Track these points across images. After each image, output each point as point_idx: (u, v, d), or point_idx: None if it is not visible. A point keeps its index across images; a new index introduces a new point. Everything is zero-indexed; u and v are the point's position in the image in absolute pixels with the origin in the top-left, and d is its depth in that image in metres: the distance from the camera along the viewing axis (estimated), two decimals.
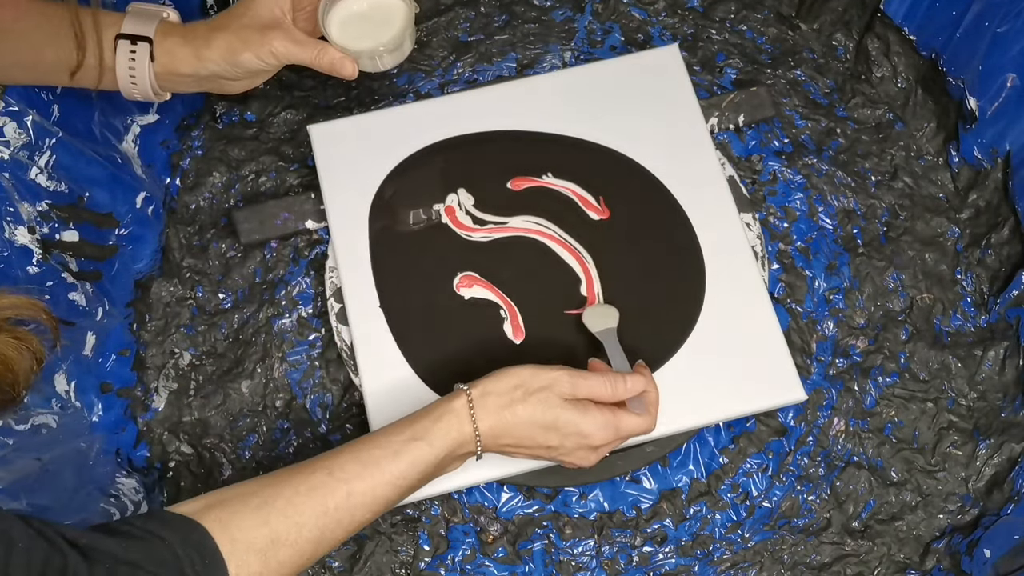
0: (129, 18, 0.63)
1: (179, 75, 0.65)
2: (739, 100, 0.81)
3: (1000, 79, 0.74)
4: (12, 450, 0.59)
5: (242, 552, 0.51)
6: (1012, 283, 0.75)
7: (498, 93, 0.78)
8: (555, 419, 0.58)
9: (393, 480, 0.55)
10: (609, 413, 0.59)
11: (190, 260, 0.79)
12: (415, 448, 0.56)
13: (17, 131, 0.63)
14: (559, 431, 0.58)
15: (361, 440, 0.57)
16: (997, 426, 0.73)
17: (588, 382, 0.59)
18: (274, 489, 0.53)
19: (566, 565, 0.70)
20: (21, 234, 0.64)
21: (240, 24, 0.64)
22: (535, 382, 0.58)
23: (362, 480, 0.54)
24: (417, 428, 0.57)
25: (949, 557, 0.70)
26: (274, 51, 0.64)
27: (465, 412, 0.57)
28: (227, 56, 0.64)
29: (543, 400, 0.58)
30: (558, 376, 0.58)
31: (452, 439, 0.57)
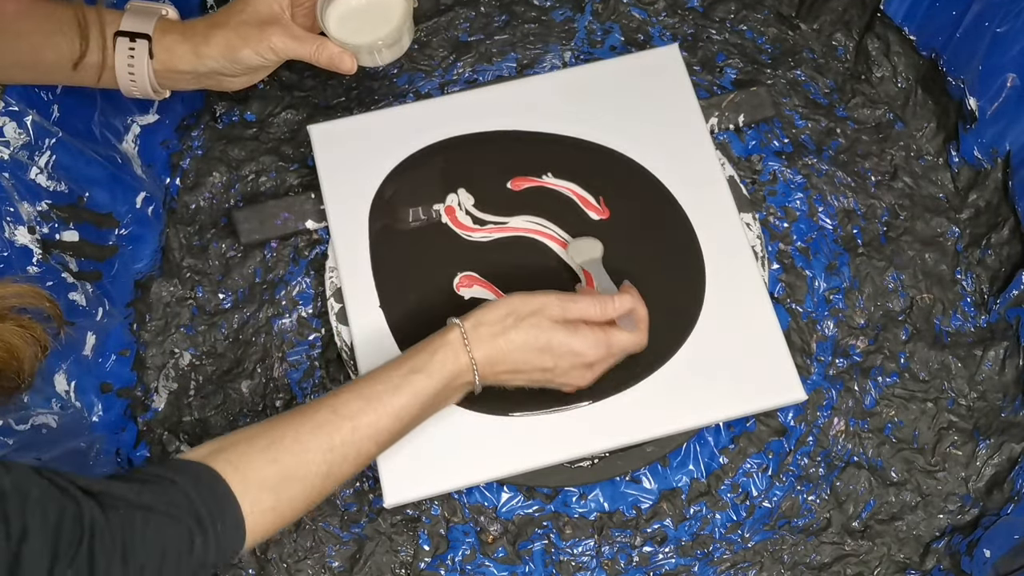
0: (128, 15, 0.63)
1: (178, 72, 0.65)
2: (739, 100, 0.81)
3: (1000, 79, 0.74)
4: (12, 450, 0.59)
5: (255, 490, 0.53)
6: (1012, 283, 0.75)
7: (498, 93, 0.78)
8: (548, 341, 0.60)
9: (396, 412, 0.57)
10: (600, 331, 0.61)
11: (190, 260, 0.79)
12: (415, 381, 0.58)
13: (17, 131, 0.63)
14: (553, 352, 0.60)
15: (361, 378, 0.59)
16: (997, 426, 0.73)
17: (578, 304, 0.61)
18: (280, 430, 0.55)
19: (566, 565, 0.70)
20: (21, 234, 0.64)
21: (239, 20, 0.64)
22: (525, 308, 0.60)
23: (365, 415, 0.57)
24: (415, 362, 0.59)
25: (949, 557, 0.70)
26: (273, 47, 0.64)
27: (460, 343, 0.59)
28: (226, 53, 0.64)
29: (535, 324, 0.60)
30: (548, 300, 0.60)
31: (449, 370, 0.59)
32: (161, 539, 0.48)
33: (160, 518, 0.48)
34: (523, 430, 0.68)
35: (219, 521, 0.51)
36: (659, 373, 0.69)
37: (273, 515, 0.54)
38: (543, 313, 0.60)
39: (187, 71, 0.65)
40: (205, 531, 0.50)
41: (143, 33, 0.63)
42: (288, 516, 0.55)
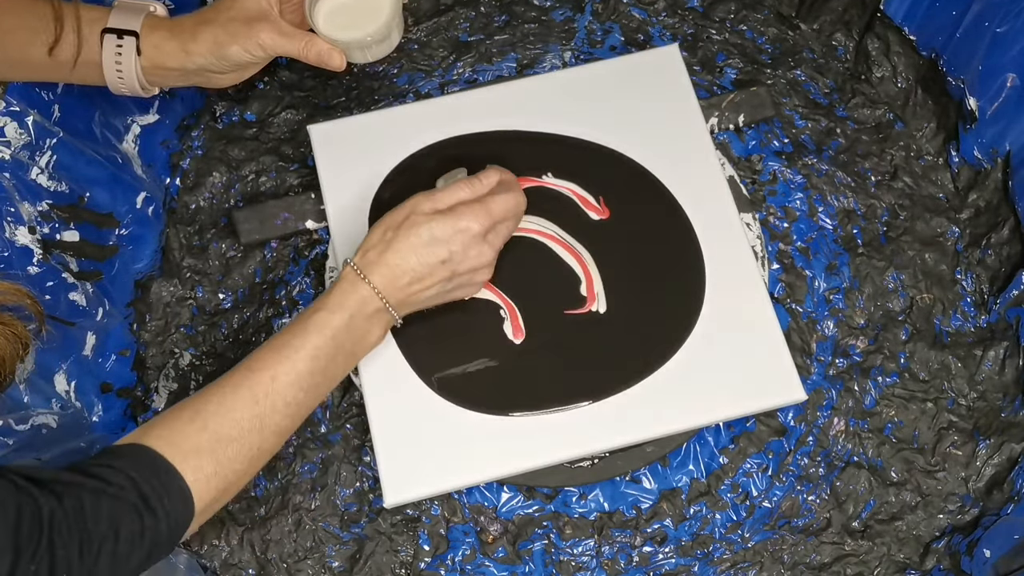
0: (115, 12, 0.63)
1: (166, 69, 0.65)
2: (739, 100, 0.81)
3: (1000, 79, 0.74)
4: (12, 450, 0.59)
5: (192, 458, 0.54)
6: (1012, 283, 0.75)
7: (498, 93, 0.78)
8: (431, 233, 0.61)
9: (309, 353, 0.59)
10: (476, 202, 0.63)
11: (190, 260, 0.79)
12: (319, 318, 0.60)
13: (18, 131, 0.63)
14: (441, 241, 0.61)
15: (278, 333, 0.61)
16: (997, 426, 0.73)
17: (446, 193, 0.63)
18: (202, 397, 0.57)
19: (566, 565, 0.70)
20: (21, 234, 0.64)
21: (227, 17, 0.64)
22: (399, 215, 0.62)
23: (280, 363, 0.58)
24: (318, 302, 0.61)
25: (949, 557, 0.70)
26: (261, 43, 0.64)
27: (353, 275, 0.61)
28: (214, 49, 0.64)
29: (412, 223, 0.61)
30: (415, 200, 0.62)
31: (353, 300, 0.60)
32: (114, 521, 0.49)
33: (110, 500, 0.49)
34: (523, 430, 0.68)
35: (164, 496, 0.52)
36: (659, 373, 0.69)
37: (217, 479, 0.55)
38: (416, 212, 0.61)
39: (175, 68, 0.65)
40: (153, 509, 0.51)
41: (130, 30, 0.63)
42: (232, 478, 0.56)
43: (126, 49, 0.63)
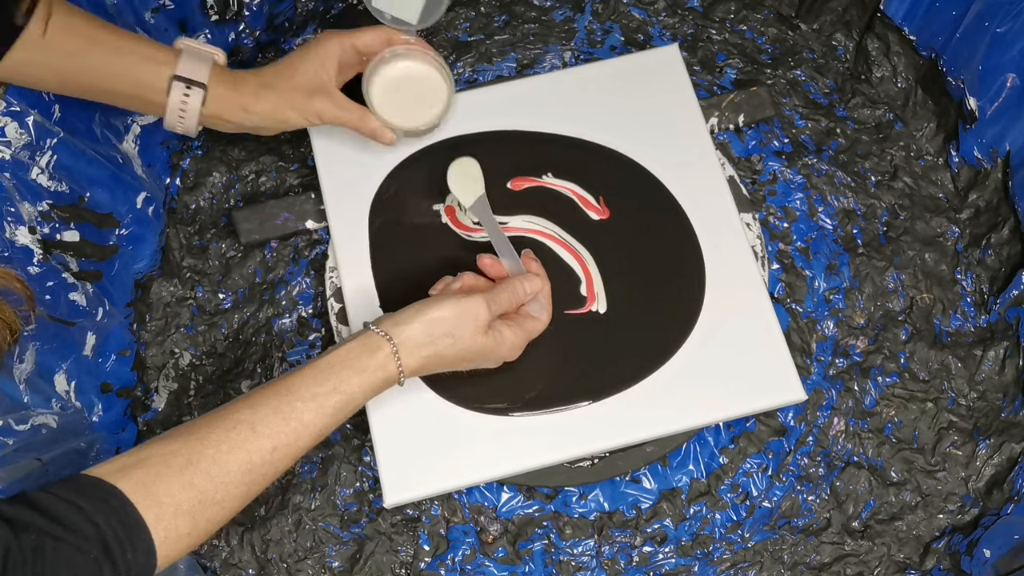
0: (184, 60, 0.65)
1: (223, 120, 0.67)
2: (739, 100, 0.81)
3: (1000, 79, 0.74)
4: (12, 450, 0.59)
5: (170, 516, 0.51)
6: (1012, 283, 0.75)
7: (498, 93, 0.78)
8: (480, 351, 0.62)
9: (317, 432, 0.57)
10: (519, 329, 0.64)
11: (190, 260, 0.79)
12: (337, 400, 0.57)
13: (18, 131, 0.63)
14: (480, 358, 0.63)
15: (281, 387, 0.57)
16: (997, 426, 0.73)
17: (498, 303, 0.63)
18: (197, 446, 0.53)
19: (566, 565, 0.70)
20: (22, 234, 0.64)
21: (288, 86, 0.67)
22: (461, 323, 0.61)
23: (286, 435, 0.55)
24: (340, 381, 0.57)
25: (949, 557, 0.70)
26: (319, 113, 0.67)
27: (391, 362, 0.59)
28: (272, 113, 0.67)
29: (470, 337, 0.61)
30: (479, 311, 0.61)
31: (377, 385, 0.59)
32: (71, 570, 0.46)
33: (71, 551, 0.46)
34: (523, 430, 0.68)
35: (128, 549, 0.49)
36: (659, 373, 0.69)
37: (189, 539, 0.52)
38: (476, 325, 0.61)
39: (232, 121, 0.67)
40: (115, 562, 0.48)
41: (200, 82, 0.65)
42: (203, 538, 0.53)
43: (192, 99, 0.65)
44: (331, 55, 0.68)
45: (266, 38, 0.85)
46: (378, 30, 0.69)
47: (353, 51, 0.69)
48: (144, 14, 0.75)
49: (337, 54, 0.68)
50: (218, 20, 0.82)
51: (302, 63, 0.67)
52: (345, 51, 0.68)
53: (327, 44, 0.68)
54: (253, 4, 0.83)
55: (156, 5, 0.75)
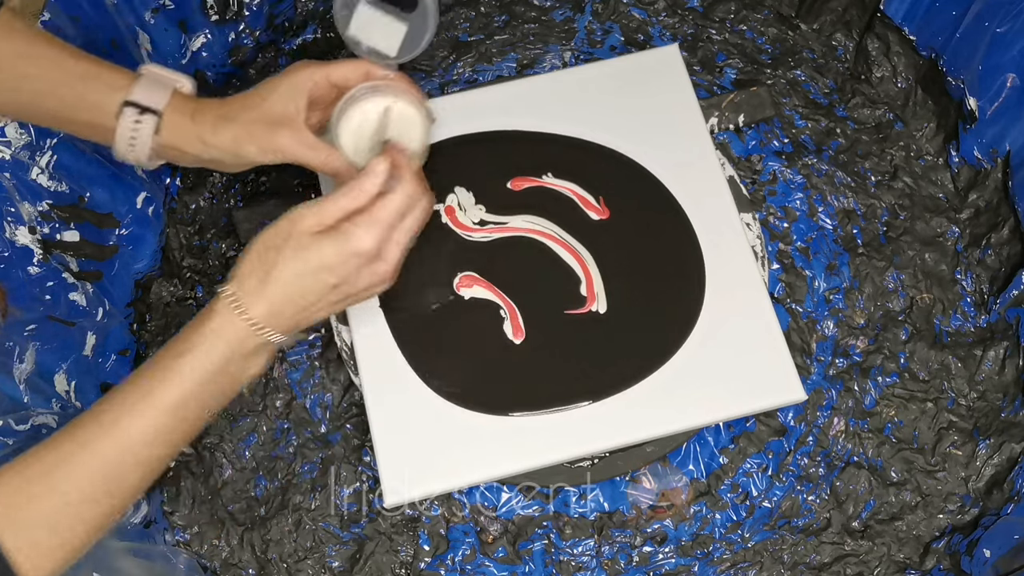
0: (141, 85, 0.60)
1: (180, 151, 0.62)
2: (739, 100, 0.81)
3: (1000, 79, 0.74)
4: (12, 450, 0.59)
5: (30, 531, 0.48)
6: (1012, 283, 0.75)
7: (498, 93, 0.78)
8: (318, 258, 0.54)
9: (171, 407, 0.52)
10: (365, 217, 0.54)
11: (190, 260, 0.79)
12: (184, 365, 0.52)
13: (18, 131, 0.63)
14: (330, 267, 0.54)
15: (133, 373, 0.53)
16: (997, 426, 0.73)
17: (331, 201, 0.55)
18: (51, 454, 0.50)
19: (566, 565, 0.70)
20: (22, 234, 0.64)
21: (250, 117, 0.61)
22: (278, 236, 0.54)
23: (133, 419, 0.51)
24: (184, 342, 0.53)
25: (949, 557, 0.70)
26: (281, 149, 0.61)
27: (228, 308, 0.53)
28: (231, 147, 0.61)
29: (296, 247, 0.54)
30: (297, 214, 0.54)
31: (226, 341, 0.53)
32: None
33: None
34: (523, 430, 0.68)
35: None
36: (659, 373, 0.69)
37: (63, 551, 0.49)
38: (298, 230, 0.54)
39: (189, 153, 0.62)
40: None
41: (154, 109, 0.59)
42: (81, 546, 0.50)
43: (144, 127, 0.59)
44: (301, 87, 0.61)
45: (266, 38, 0.85)
46: (355, 63, 0.63)
47: (327, 84, 0.62)
48: (144, 14, 0.75)
49: (308, 87, 0.61)
50: (218, 20, 0.82)
51: (269, 94, 0.61)
52: (317, 83, 0.61)
53: (298, 75, 0.61)
54: (253, 4, 0.83)
55: (156, 5, 0.75)
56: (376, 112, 0.63)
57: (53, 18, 0.65)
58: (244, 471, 0.73)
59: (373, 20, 0.62)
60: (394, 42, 0.62)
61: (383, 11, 0.61)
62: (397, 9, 0.62)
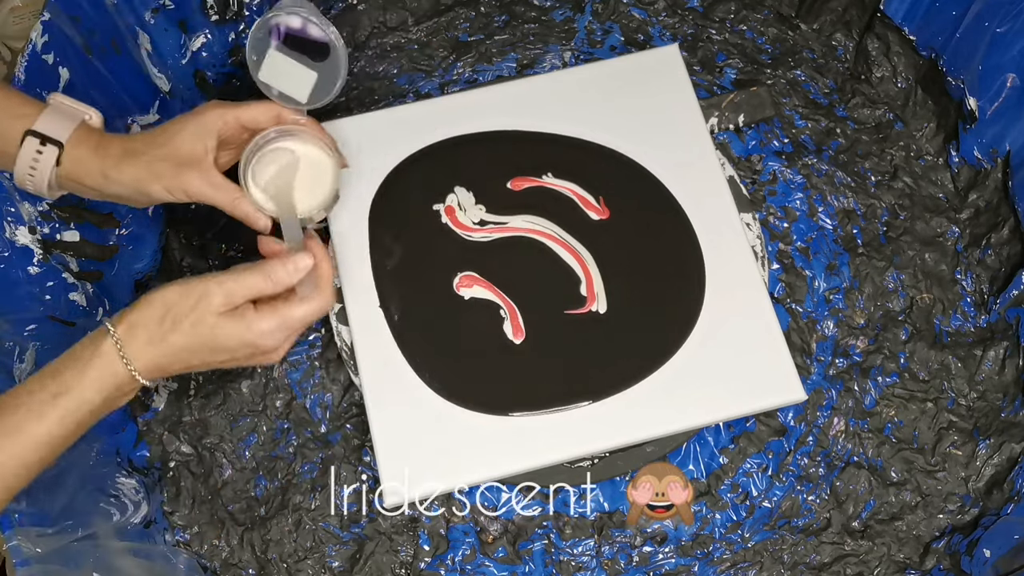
0: (46, 115, 0.58)
1: (81, 184, 0.60)
2: (739, 100, 0.81)
3: (1000, 79, 0.74)
4: None
5: None
6: (1012, 283, 0.75)
7: (498, 93, 0.78)
8: (214, 339, 0.54)
9: (44, 443, 0.51)
10: (272, 314, 0.55)
11: (190, 260, 0.79)
12: (62, 404, 0.51)
13: None
14: (225, 348, 0.54)
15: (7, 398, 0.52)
16: (997, 426, 0.73)
17: (243, 284, 0.54)
18: None
19: (566, 565, 0.70)
20: (22, 234, 0.64)
21: (156, 155, 0.59)
22: (183, 305, 0.53)
23: (6, 452, 0.50)
24: (63, 381, 0.52)
25: (949, 557, 0.70)
26: (186, 189, 0.60)
27: (114, 354, 0.53)
28: (134, 184, 0.59)
29: (196, 322, 0.53)
30: (207, 288, 0.54)
31: (106, 384, 0.53)
32: None
33: None
34: (523, 430, 0.68)
35: None
36: (659, 373, 0.69)
37: None
38: (204, 307, 0.53)
39: (90, 187, 0.60)
40: None
41: (56, 140, 0.58)
42: None
43: (45, 158, 0.57)
44: (211, 127, 0.60)
45: None
46: (266, 105, 0.62)
47: (237, 125, 0.61)
48: (144, 14, 0.75)
49: (218, 126, 0.60)
50: (218, 20, 0.82)
51: (177, 132, 0.60)
52: (227, 124, 0.61)
53: (207, 114, 0.60)
54: (253, 4, 0.83)
55: (156, 5, 0.76)
56: (286, 156, 0.63)
57: (53, 18, 0.65)
58: (244, 471, 0.73)
59: (284, 67, 0.62)
60: (304, 89, 0.63)
61: (294, 58, 0.62)
62: (307, 58, 0.62)
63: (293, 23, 0.61)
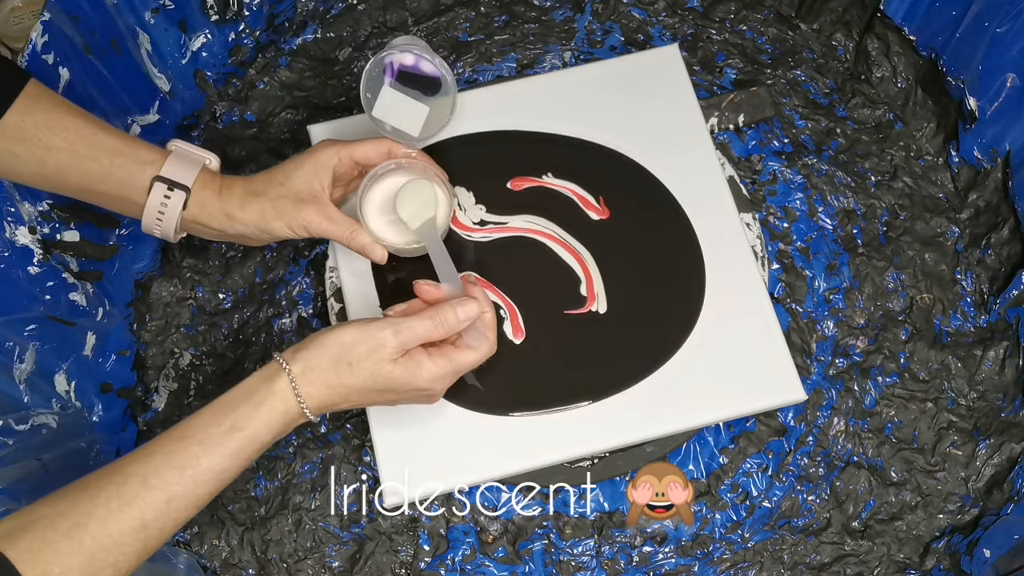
0: (171, 161, 0.61)
1: (206, 226, 0.63)
2: (739, 100, 0.81)
3: (1000, 79, 0.74)
4: (12, 450, 0.59)
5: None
6: (1012, 283, 0.75)
7: (498, 93, 0.78)
8: (388, 382, 0.56)
9: (215, 476, 0.53)
10: (444, 360, 0.57)
11: (190, 260, 0.79)
12: (236, 439, 0.53)
13: None
14: (395, 391, 0.57)
15: (176, 433, 0.53)
16: (997, 426, 0.73)
17: (415, 331, 0.56)
18: (87, 506, 0.50)
19: (566, 565, 0.70)
20: (22, 234, 0.64)
21: (277, 194, 0.63)
22: (359, 351, 0.55)
23: (181, 484, 0.52)
24: (238, 417, 0.54)
25: (949, 557, 0.70)
26: (307, 225, 0.63)
27: (289, 392, 0.55)
28: (259, 222, 0.63)
29: (372, 366, 0.56)
30: (384, 338, 0.56)
31: (278, 422, 0.55)
32: None
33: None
34: (523, 430, 0.68)
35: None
36: (659, 373, 0.69)
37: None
38: (379, 353, 0.56)
39: (216, 228, 0.63)
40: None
41: (183, 184, 0.61)
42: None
43: (173, 202, 0.61)
44: (326, 165, 0.64)
45: (266, 38, 0.85)
46: (378, 141, 0.66)
47: (350, 161, 0.65)
48: (144, 14, 0.75)
49: (333, 163, 0.64)
50: (218, 20, 0.82)
51: (295, 171, 0.63)
52: (342, 161, 0.64)
53: (323, 153, 0.64)
54: (253, 4, 0.83)
55: (156, 5, 0.76)
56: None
57: (53, 18, 0.65)
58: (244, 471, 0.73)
59: (397, 102, 0.65)
60: (417, 123, 0.66)
61: (406, 94, 0.65)
62: (419, 92, 0.65)
63: (406, 60, 0.65)
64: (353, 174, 0.67)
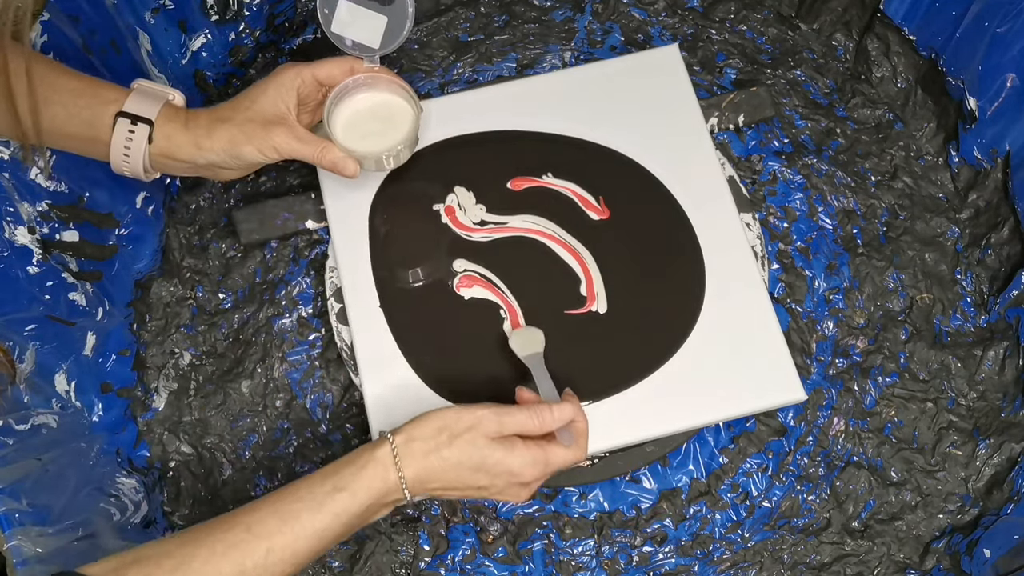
0: (133, 96, 0.63)
1: (175, 160, 0.64)
2: (739, 100, 0.81)
3: (1000, 79, 0.74)
4: (12, 450, 0.59)
5: None
6: (1012, 283, 0.75)
7: (498, 93, 0.78)
8: (482, 460, 0.57)
9: (315, 534, 0.54)
10: (537, 448, 0.58)
11: (190, 260, 0.79)
12: (338, 500, 0.55)
13: None
14: (488, 472, 0.57)
15: (282, 491, 0.55)
16: (997, 426, 0.73)
17: (514, 418, 0.58)
18: (191, 548, 0.52)
19: (566, 565, 0.70)
20: (21, 234, 0.64)
21: (244, 118, 0.64)
22: (460, 424, 0.57)
23: (282, 535, 0.53)
24: (340, 478, 0.55)
25: (949, 557, 0.70)
26: (276, 146, 0.64)
27: (389, 460, 0.56)
28: (228, 148, 0.64)
29: (469, 441, 0.57)
30: (483, 415, 0.57)
31: (376, 488, 0.56)
32: None
33: None
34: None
35: None
36: (659, 373, 0.69)
37: None
38: (478, 429, 0.57)
39: (185, 160, 0.64)
40: None
41: (146, 118, 0.62)
42: None
43: (137, 136, 0.62)
44: (289, 86, 0.65)
45: (266, 38, 0.85)
46: (339, 60, 0.67)
47: (313, 82, 0.66)
48: (144, 14, 0.75)
49: (296, 84, 0.65)
50: (218, 20, 0.82)
51: (260, 95, 0.65)
52: (304, 82, 0.66)
53: (284, 75, 0.65)
54: (253, 4, 0.83)
55: (156, 5, 0.76)
56: (366, 103, 0.67)
57: (53, 18, 0.65)
58: (244, 471, 0.73)
59: (354, 16, 0.66)
60: (376, 34, 0.66)
61: (363, 6, 0.66)
62: (376, 3, 0.66)
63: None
64: (318, 97, 0.68)
